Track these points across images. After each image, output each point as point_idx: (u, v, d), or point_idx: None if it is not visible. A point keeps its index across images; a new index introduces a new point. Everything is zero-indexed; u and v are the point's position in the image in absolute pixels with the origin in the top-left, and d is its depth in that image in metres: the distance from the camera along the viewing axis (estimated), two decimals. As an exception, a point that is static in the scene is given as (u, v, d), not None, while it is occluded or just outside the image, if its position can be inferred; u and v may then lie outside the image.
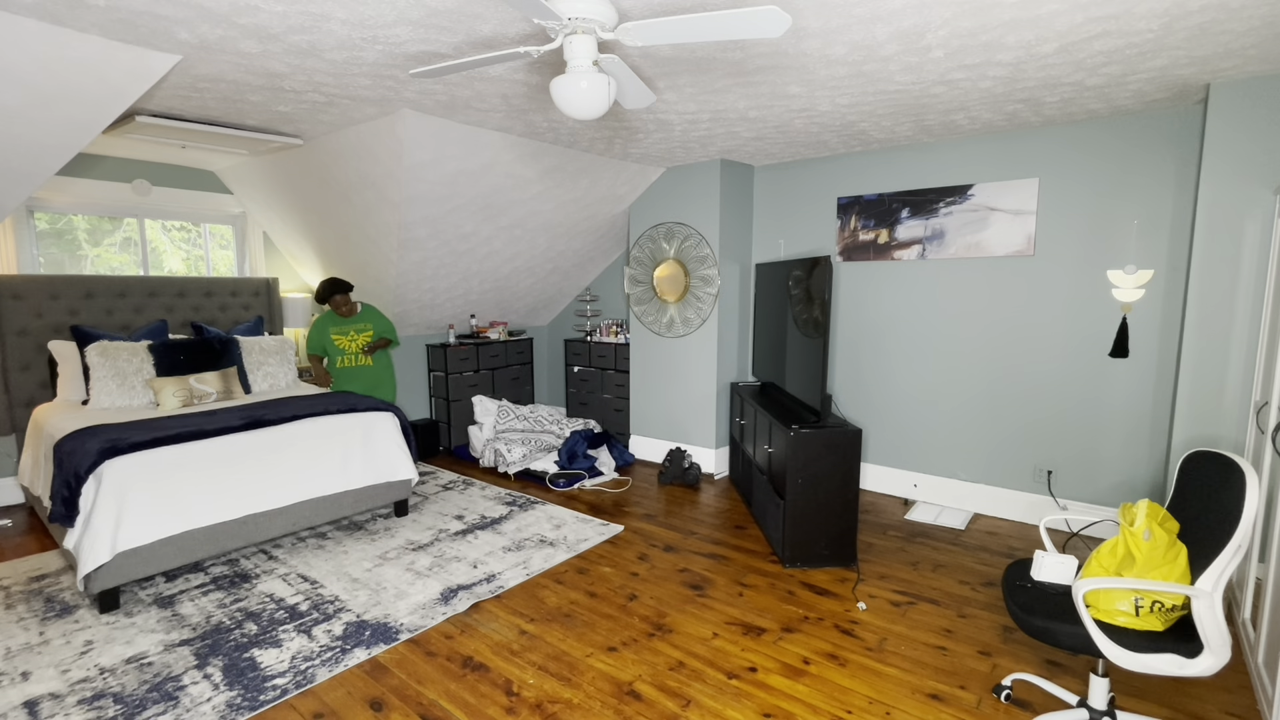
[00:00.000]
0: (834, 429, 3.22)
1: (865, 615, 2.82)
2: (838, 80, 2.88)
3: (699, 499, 4.34)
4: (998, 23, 2.27)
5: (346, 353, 4.52)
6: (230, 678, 2.35)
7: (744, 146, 4.21)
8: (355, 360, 4.53)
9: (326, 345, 4.50)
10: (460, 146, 3.75)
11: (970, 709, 2.20)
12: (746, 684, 2.34)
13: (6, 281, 3.89)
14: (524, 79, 2.87)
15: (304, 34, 2.37)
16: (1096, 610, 1.87)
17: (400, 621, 2.73)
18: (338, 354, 4.51)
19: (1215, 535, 1.76)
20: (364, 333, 4.55)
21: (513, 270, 5.35)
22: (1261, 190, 2.81)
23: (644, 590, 3.04)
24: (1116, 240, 3.52)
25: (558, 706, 2.21)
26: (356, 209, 4.28)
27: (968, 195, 3.94)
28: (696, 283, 4.78)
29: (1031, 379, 3.84)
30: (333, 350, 4.50)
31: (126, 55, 2.52)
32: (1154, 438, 3.50)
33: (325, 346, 4.51)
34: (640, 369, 5.25)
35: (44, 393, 4.07)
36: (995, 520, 3.96)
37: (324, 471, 3.45)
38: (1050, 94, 3.07)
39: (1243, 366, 2.88)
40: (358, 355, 4.53)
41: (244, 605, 2.87)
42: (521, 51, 2.02)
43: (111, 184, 4.46)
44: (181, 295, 4.62)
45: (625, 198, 5.07)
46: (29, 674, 2.37)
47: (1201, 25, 2.29)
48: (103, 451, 2.80)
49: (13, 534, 3.68)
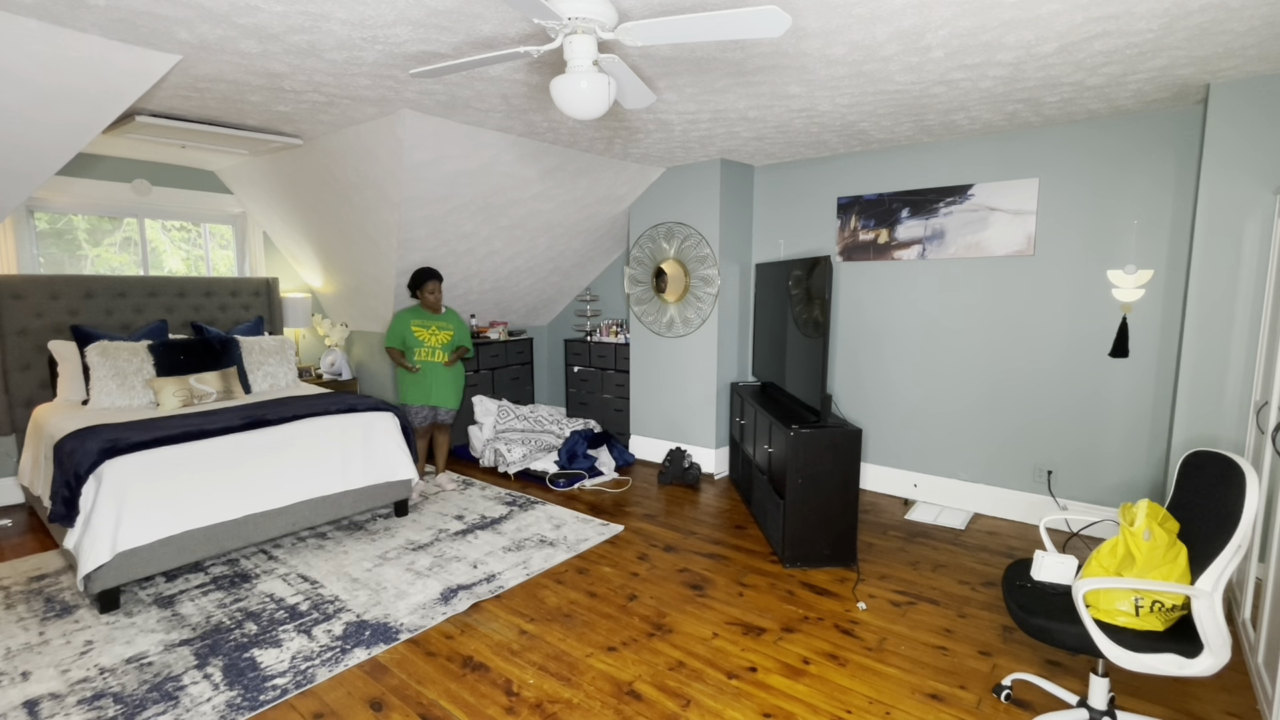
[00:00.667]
0: (834, 429, 3.22)
1: (865, 615, 2.82)
2: (838, 80, 2.88)
3: (699, 499, 4.34)
4: (998, 23, 2.27)
5: (425, 345, 4.31)
6: (230, 678, 2.35)
7: (744, 146, 4.21)
8: (433, 355, 4.34)
9: (406, 337, 4.31)
10: (460, 146, 3.75)
11: (970, 709, 2.21)
12: (746, 684, 2.34)
13: (6, 281, 3.89)
14: (524, 79, 2.87)
15: (304, 34, 2.37)
16: (1096, 610, 1.87)
17: (400, 621, 2.73)
18: (417, 345, 4.29)
19: (1215, 535, 1.76)
20: (445, 331, 4.36)
21: (513, 270, 5.35)
22: (1261, 190, 2.81)
23: (644, 590, 3.04)
24: (1116, 240, 3.52)
25: (558, 706, 2.21)
26: (356, 209, 4.28)
27: (968, 195, 3.94)
28: (696, 283, 4.78)
29: (1032, 379, 3.84)
30: (412, 342, 4.29)
31: (126, 55, 2.52)
32: (1154, 438, 3.50)
33: (405, 338, 4.32)
34: (640, 369, 5.25)
35: (44, 393, 4.07)
36: (995, 520, 3.96)
37: (324, 471, 3.45)
38: (1050, 94, 3.07)
39: (1243, 366, 2.88)
40: (435, 350, 4.34)
41: (244, 605, 2.87)
42: (521, 51, 2.02)
43: (111, 184, 4.46)
44: (181, 295, 4.62)
45: (625, 198, 5.07)
46: (29, 674, 2.37)
47: (1201, 25, 2.29)
48: (103, 451, 2.80)
49: (13, 534, 3.68)
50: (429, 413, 4.38)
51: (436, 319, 4.36)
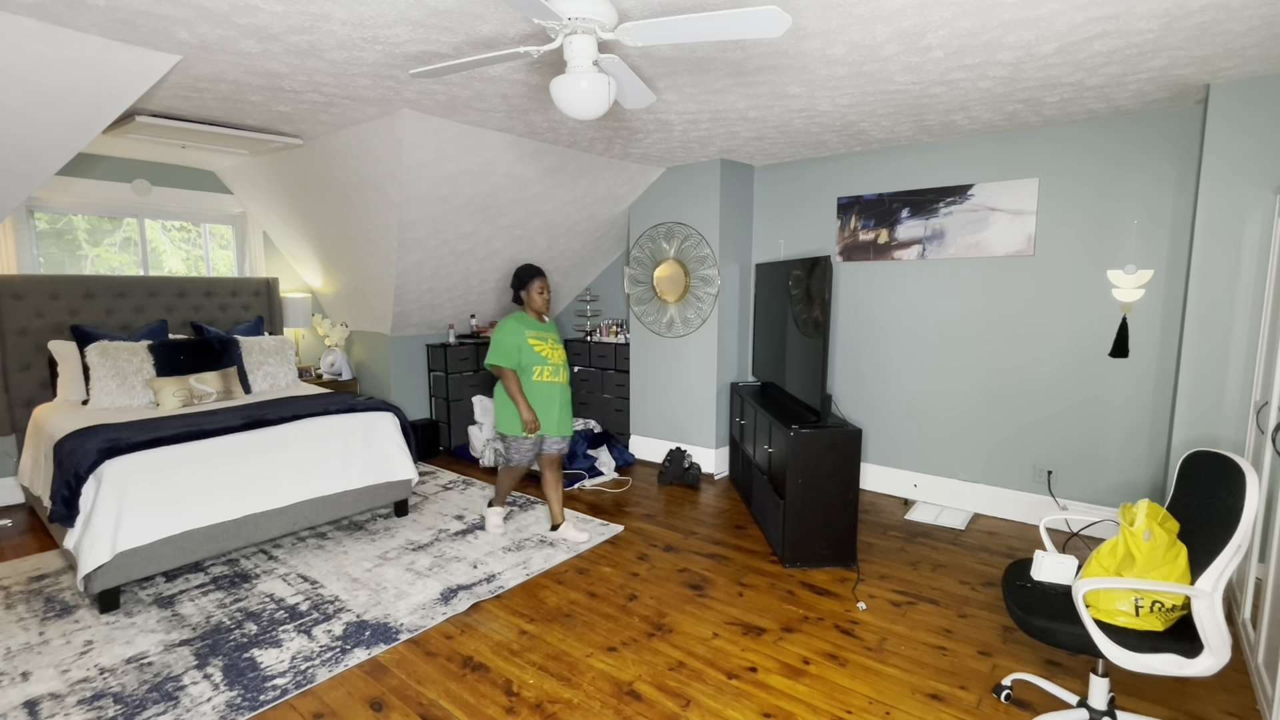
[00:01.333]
0: (834, 429, 3.22)
1: (865, 615, 2.82)
2: (838, 80, 2.88)
3: (699, 499, 4.34)
4: (998, 23, 2.27)
5: (548, 362, 3.45)
6: (230, 678, 2.35)
7: (744, 146, 4.21)
8: (556, 374, 3.47)
9: (521, 350, 3.40)
10: (460, 146, 3.75)
11: (970, 709, 2.20)
12: (746, 684, 2.34)
13: (6, 281, 3.89)
14: (524, 79, 2.87)
15: (304, 34, 2.37)
16: (1096, 610, 1.87)
17: (400, 621, 2.73)
18: (536, 362, 3.41)
19: (1215, 535, 1.76)
20: (559, 343, 3.57)
21: (513, 270, 5.35)
22: (1261, 190, 2.81)
23: (644, 590, 3.04)
24: (1116, 240, 3.52)
25: (558, 706, 2.21)
26: (356, 209, 4.28)
27: (968, 195, 3.94)
28: (696, 283, 4.78)
29: (1031, 379, 3.84)
30: (529, 357, 3.40)
31: (126, 55, 2.52)
32: (1154, 438, 3.50)
33: (519, 351, 3.39)
34: (640, 369, 5.25)
35: (44, 393, 4.07)
36: (995, 520, 3.96)
37: (324, 471, 3.45)
38: (1050, 94, 3.07)
39: (1243, 366, 2.88)
40: (559, 368, 3.48)
41: (244, 605, 2.87)
42: (521, 51, 2.02)
43: (111, 184, 4.46)
44: (181, 295, 4.62)
45: (625, 198, 5.07)
46: (29, 674, 2.37)
47: (1201, 25, 2.28)
48: (103, 451, 2.80)
49: (13, 534, 3.68)
50: (536, 444, 3.53)
51: (548, 328, 3.55)
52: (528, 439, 3.45)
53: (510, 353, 3.38)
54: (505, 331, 3.40)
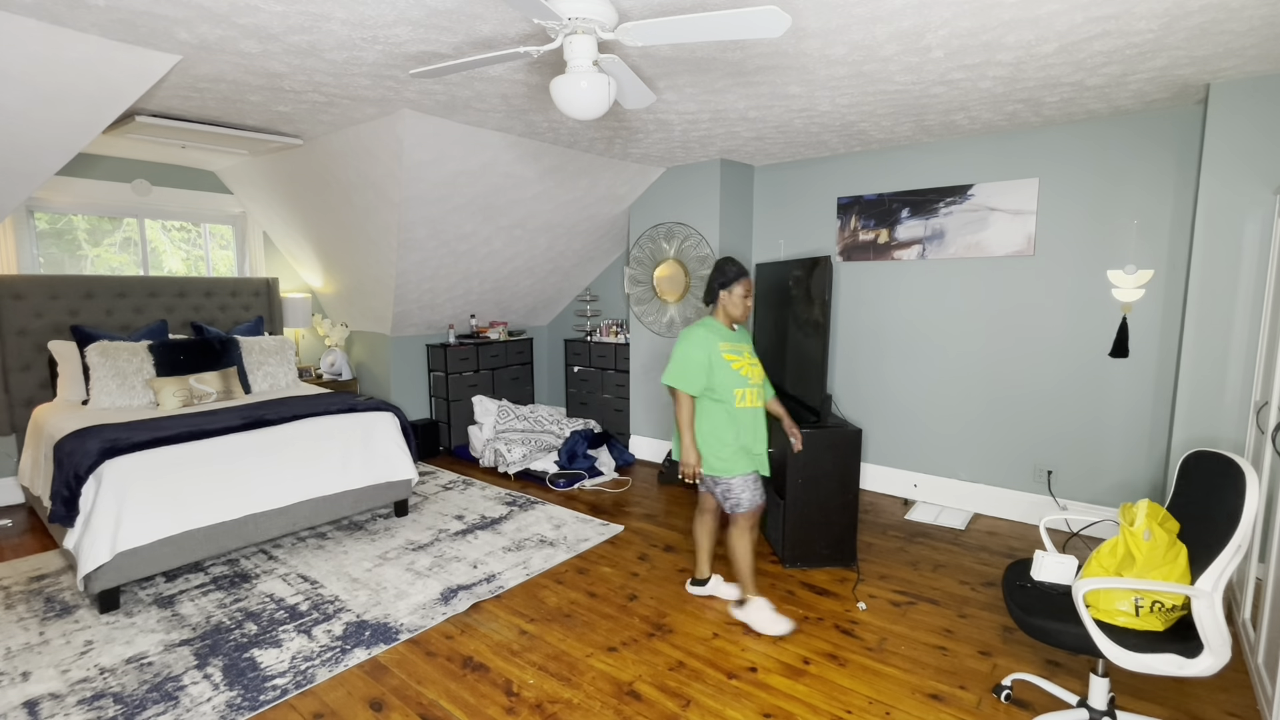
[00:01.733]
0: (834, 429, 3.22)
1: (865, 615, 2.82)
2: (838, 80, 2.88)
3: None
4: (998, 23, 2.27)
5: (749, 383, 2.65)
6: (230, 678, 2.35)
7: (744, 146, 4.21)
8: (759, 397, 2.71)
9: (714, 367, 2.59)
10: (460, 146, 3.75)
11: (970, 709, 2.20)
12: (746, 684, 2.34)
13: (6, 281, 3.89)
14: (524, 79, 2.87)
15: (304, 34, 2.37)
16: (1096, 610, 1.87)
17: (400, 621, 2.73)
18: (736, 384, 2.61)
19: (1215, 535, 1.76)
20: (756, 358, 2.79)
21: (513, 270, 5.35)
22: (1261, 190, 2.81)
23: (644, 590, 3.04)
24: (1116, 240, 3.52)
25: (558, 706, 2.21)
26: (356, 209, 4.28)
27: (968, 195, 3.93)
28: (697, 283, 4.77)
29: (1031, 379, 3.84)
30: (723, 376, 2.59)
31: (126, 55, 2.51)
32: (1154, 438, 3.49)
33: (710, 369, 2.59)
34: (640, 369, 5.25)
35: (44, 393, 4.07)
36: (995, 520, 3.95)
37: (324, 471, 3.45)
38: (1050, 94, 3.07)
39: (1243, 366, 2.88)
40: (760, 389, 2.72)
41: (244, 605, 2.87)
42: (521, 51, 2.02)
43: (111, 184, 4.46)
44: (181, 295, 4.62)
45: (625, 198, 5.07)
46: (29, 674, 2.37)
47: (1201, 25, 2.28)
48: (103, 451, 2.80)
49: (13, 534, 3.68)
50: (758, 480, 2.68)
51: (742, 338, 2.77)
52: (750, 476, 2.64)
53: (698, 372, 2.57)
54: (692, 343, 2.59)
